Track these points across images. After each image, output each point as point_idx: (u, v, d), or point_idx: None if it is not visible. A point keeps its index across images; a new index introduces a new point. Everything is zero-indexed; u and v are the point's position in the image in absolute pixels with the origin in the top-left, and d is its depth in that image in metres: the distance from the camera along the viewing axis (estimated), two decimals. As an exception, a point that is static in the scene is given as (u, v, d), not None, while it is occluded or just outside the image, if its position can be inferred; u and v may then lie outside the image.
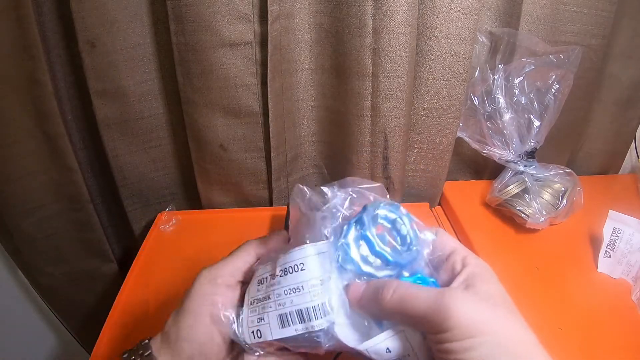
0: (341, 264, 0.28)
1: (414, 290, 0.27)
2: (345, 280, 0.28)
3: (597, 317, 0.48)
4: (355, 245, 0.28)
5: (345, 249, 0.28)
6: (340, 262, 0.28)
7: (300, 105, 0.64)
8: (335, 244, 0.28)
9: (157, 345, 0.32)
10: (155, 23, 0.56)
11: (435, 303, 0.25)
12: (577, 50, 0.57)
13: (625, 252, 0.51)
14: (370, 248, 0.28)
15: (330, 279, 0.28)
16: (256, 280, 0.30)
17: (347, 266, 0.28)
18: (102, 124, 0.59)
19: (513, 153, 0.60)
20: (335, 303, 0.27)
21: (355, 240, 0.28)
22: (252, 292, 0.30)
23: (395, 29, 0.52)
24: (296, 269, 0.28)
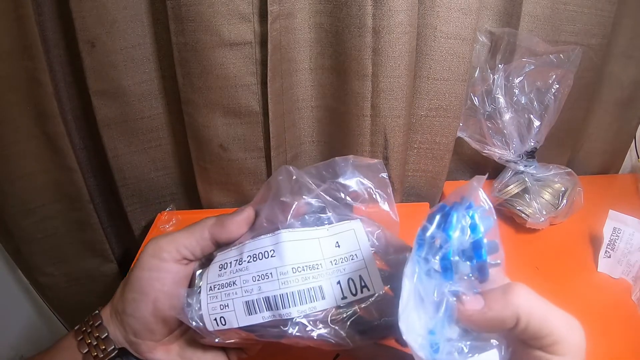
0: (422, 263, 0.24)
1: (541, 299, 0.24)
2: (418, 282, 0.23)
3: (597, 317, 0.48)
4: (456, 246, 0.24)
5: (444, 246, 0.24)
6: (422, 260, 0.24)
7: (300, 105, 0.64)
8: (421, 245, 0.24)
9: (107, 315, 0.32)
10: (155, 23, 0.56)
11: (561, 323, 0.24)
12: (577, 50, 0.57)
13: (625, 252, 0.51)
14: (478, 256, 0.24)
15: (317, 267, 0.26)
16: (217, 265, 0.28)
17: (429, 268, 0.24)
18: (102, 124, 0.59)
19: (513, 153, 0.60)
20: (403, 308, 0.22)
21: (458, 240, 0.23)
22: (211, 278, 0.28)
23: (395, 28, 0.52)
24: (266, 255, 0.27)
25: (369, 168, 0.30)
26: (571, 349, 0.24)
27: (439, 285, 0.24)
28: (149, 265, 0.30)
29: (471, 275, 0.24)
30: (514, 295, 0.24)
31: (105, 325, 0.31)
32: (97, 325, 0.31)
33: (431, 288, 0.23)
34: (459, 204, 0.24)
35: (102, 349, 0.30)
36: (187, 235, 0.31)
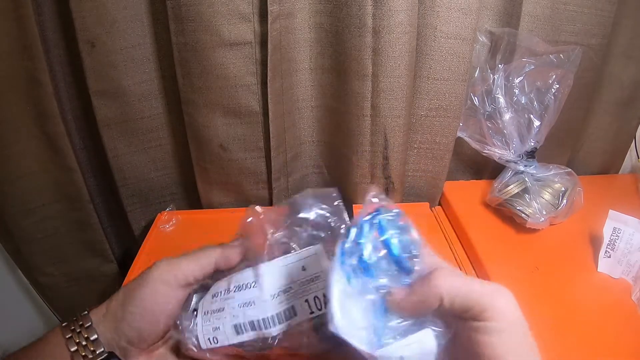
0: (347, 267, 0.27)
1: (461, 276, 0.27)
2: (345, 285, 0.27)
3: (597, 317, 0.48)
4: (371, 249, 0.28)
5: (359, 252, 0.27)
6: (347, 264, 0.27)
7: (300, 105, 0.64)
8: (343, 251, 0.27)
9: (99, 317, 0.33)
10: (155, 23, 0.56)
11: (485, 293, 0.27)
12: (577, 50, 0.57)
13: (625, 252, 0.51)
14: (389, 252, 0.28)
15: (289, 290, 0.32)
16: (210, 294, 0.34)
17: (354, 270, 0.27)
18: (102, 124, 0.59)
19: (513, 153, 0.60)
20: (335, 309, 0.26)
21: (371, 244, 0.28)
22: (206, 305, 0.34)
23: (395, 28, 0.52)
24: (249, 286, 0.32)
25: (327, 197, 0.34)
26: (500, 313, 0.26)
27: (364, 284, 0.27)
28: (156, 289, 0.33)
29: (396, 270, 0.28)
30: (434, 278, 0.27)
31: (94, 327, 0.33)
32: (87, 327, 0.33)
33: (359, 287, 0.27)
34: (371, 215, 0.28)
35: (91, 350, 0.32)
36: (194, 263, 0.35)
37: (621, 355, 0.44)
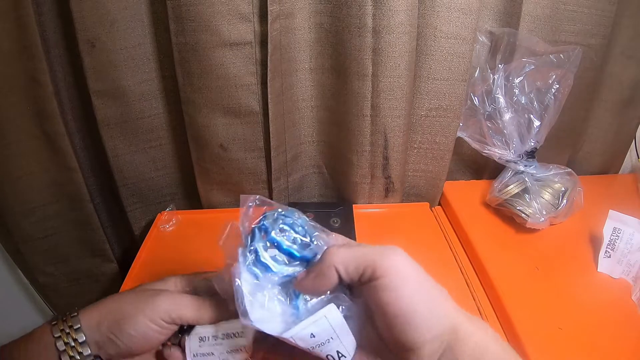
0: (252, 268, 0.32)
1: (354, 246, 0.31)
2: (254, 282, 0.32)
3: (597, 317, 0.48)
4: (263, 249, 0.32)
5: (255, 254, 0.32)
6: (251, 265, 0.32)
7: (300, 105, 0.64)
8: (244, 256, 0.32)
9: (89, 324, 0.34)
10: (155, 23, 0.56)
11: (372, 254, 0.29)
12: (577, 50, 0.57)
13: (625, 252, 0.51)
14: (279, 247, 0.32)
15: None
16: (197, 337, 0.37)
17: (258, 269, 0.32)
18: (102, 124, 0.59)
19: (513, 153, 0.60)
20: (248, 305, 0.30)
21: (262, 246, 0.32)
22: (193, 347, 0.36)
23: (395, 28, 0.52)
24: (236, 335, 0.36)
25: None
26: (389, 267, 0.28)
27: (269, 279, 0.32)
28: (148, 329, 0.34)
29: (294, 260, 0.32)
30: (326, 254, 0.30)
31: (83, 330, 0.33)
32: (76, 329, 0.33)
33: (265, 283, 0.32)
34: (259, 220, 0.33)
35: (78, 352, 0.33)
36: (194, 310, 0.35)
37: (621, 355, 0.44)
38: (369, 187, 0.66)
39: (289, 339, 0.30)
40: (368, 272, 0.28)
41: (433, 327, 0.28)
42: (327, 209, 0.60)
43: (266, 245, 0.32)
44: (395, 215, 0.67)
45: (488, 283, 0.53)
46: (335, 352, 0.31)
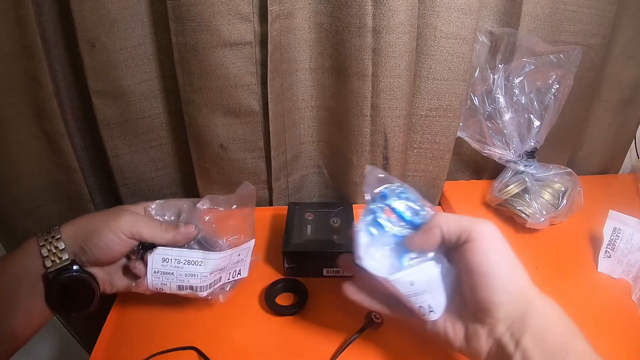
0: (370, 226, 0.39)
1: (454, 216, 0.36)
2: (370, 237, 0.39)
3: (597, 317, 0.48)
4: (381, 211, 0.39)
5: (374, 214, 0.39)
6: (370, 224, 0.39)
7: (300, 105, 0.64)
8: (365, 215, 0.39)
9: (67, 235, 0.42)
10: (155, 23, 0.56)
11: (470, 220, 0.35)
12: (577, 50, 0.57)
13: (625, 252, 0.51)
14: (395, 212, 0.39)
15: (222, 270, 0.47)
16: (160, 257, 0.44)
17: (375, 228, 0.39)
18: (102, 124, 0.59)
19: (513, 153, 0.60)
20: (363, 252, 0.38)
21: (380, 208, 0.39)
22: (156, 264, 0.44)
23: (395, 28, 0.52)
24: (197, 264, 0.45)
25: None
26: (481, 232, 0.34)
27: (382, 236, 0.39)
28: (112, 242, 0.42)
29: (407, 225, 0.39)
30: (434, 218, 0.37)
31: (63, 240, 0.41)
32: (57, 238, 0.41)
33: (379, 238, 0.39)
34: (380, 190, 0.40)
35: (58, 257, 0.41)
36: (156, 232, 0.44)
37: (621, 355, 0.44)
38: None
39: (392, 282, 0.36)
40: (464, 235, 0.34)
41: (510, 291, 0.33)
42: (327, 209, 0.60)
43: (383, 209, 0.39)
44: (395, 215, 0.67)
45: (488, 283, 0.53)
46: (427, 304, 0.36)
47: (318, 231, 0.56)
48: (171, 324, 0.48)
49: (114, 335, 0.47)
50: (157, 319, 0.49)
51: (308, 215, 0.59)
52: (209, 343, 0.46)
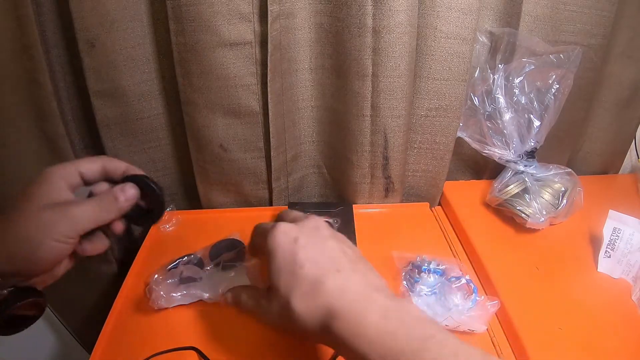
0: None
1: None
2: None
3: (597, 317, 0.48)
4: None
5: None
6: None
7: (300, 105, 0.64)
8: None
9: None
10: (155, 23, 0.56)
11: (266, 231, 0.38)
12: (577, 50, 0.57)
13: (625, 252, 0.51)
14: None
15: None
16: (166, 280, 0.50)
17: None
18: (101, 124, 0.59)
19: (513, 153, 0.60)
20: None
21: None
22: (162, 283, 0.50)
23: (395, 28, 0.52)
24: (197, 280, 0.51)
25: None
26: (270, 248, 0.37)
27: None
28: (54, 250, 0.36)
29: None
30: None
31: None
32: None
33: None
34: None
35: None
36: (91, 215, 0.37)
37: (621, 355, 0.44)
38: (369, 187, 0.66)
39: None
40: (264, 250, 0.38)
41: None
42: (327, 209, 0.60)
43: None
44: (395, 215, 0.67)
45: (488, 283, 0.53)
46: None
47: (318, 231, 0.56)
48: (171, 324, 0.48)
49: (114, 335, 0.47)
50: (157, 319, 0.49)
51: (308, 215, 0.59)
52: (209, 343, 0.46)
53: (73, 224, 0.36)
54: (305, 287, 0.33)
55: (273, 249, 0.36)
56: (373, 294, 0.33)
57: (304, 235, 0.37)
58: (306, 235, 0.37)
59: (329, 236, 0.38)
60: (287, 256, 0.35)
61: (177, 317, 0.49)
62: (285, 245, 0.36)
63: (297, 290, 0.34)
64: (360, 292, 0.33)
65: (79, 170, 0.39)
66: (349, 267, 0.35)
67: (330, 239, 0.38)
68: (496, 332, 0.48)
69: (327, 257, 0.35)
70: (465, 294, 0.50)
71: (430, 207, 0.69)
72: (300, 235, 0.36)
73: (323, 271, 0.34)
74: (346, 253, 0.37)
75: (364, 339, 0.30)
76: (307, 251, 0.35)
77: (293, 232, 0.37)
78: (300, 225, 0.38)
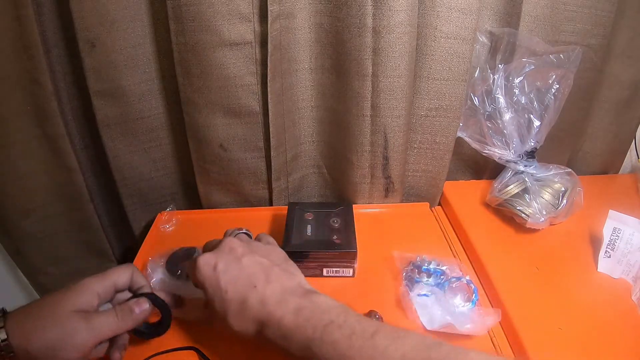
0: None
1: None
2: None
3: (597, 317, 0.48)
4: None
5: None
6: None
7: (300, 105, 0.64)
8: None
9: (16, 324, 0.36)
10: (155, 23, 0.56)
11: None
12: (577, 50, 0.57)
13: (625, 251, 0.51)
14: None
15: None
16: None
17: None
18: (102, 124, 0.59)
19: (513, 153, 0.60)
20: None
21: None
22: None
23: (395, 28, 0.52)
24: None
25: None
26: (199, 282, 0.41)
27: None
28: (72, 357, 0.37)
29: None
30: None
31: (7, 330, 0.36)
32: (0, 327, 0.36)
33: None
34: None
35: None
36: (107, 328, 0.39)
37: (621, 355, 0.44)
38: (369, 187, 0.66)
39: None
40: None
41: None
42: (327, 209, 0.60)
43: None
44: (395, 215, 0.67)
45: (488, 283, 0.53)
46: None
47: (318, 231, 0.56)
48: (171, 324, 0.48)
49: (114, 335, 0.47)
50: (157, 319, 0.49)
51: (308, 215, 0.59)
52: (209, 343, 0.46)
53: (94, 332, 0.39)
54: (233, 308, 0.39)
55: (201, 282, 0.41)
56: (287, 297, 0.38)
57: (222, 260, 0.41)
58: (223, 260, 0.41)
59: (242, 254, 0.42)
60: (212, 284, 0.40)
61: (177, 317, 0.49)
62: (208, 274, 0.40)
63: (229, 312, 0.39)
64: (277, 299, 0.38)
65: (114, 283, 0.42)
66: (263, 280, 0.39)
67: (244, 256, 0.42)
68: (496, 332, 0.48)
69: (245, 276, 0.40)
70: (465, 294, 0.50)
71: (430, 207, 0.69)
72: (219, 261, 0.41)
73: (243, 291, 0.39)
74: (261, 264, 0.41)
75: (285, 337, 0.36)
76: (226, 275, 0.40)
77: (212, 261, 0.41)
78: (217, 251, 0.42)
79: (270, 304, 0.38)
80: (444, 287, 0.50)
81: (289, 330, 0.36)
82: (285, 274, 0.41)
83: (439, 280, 0.51)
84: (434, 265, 0.52)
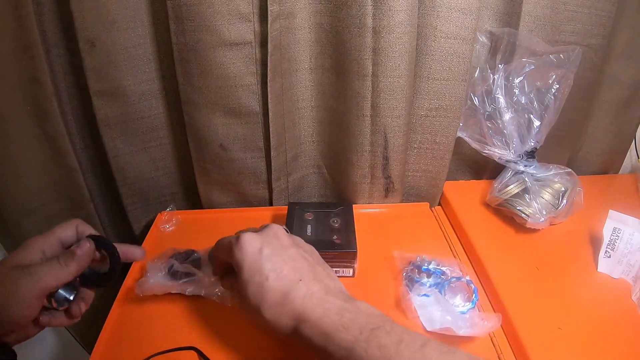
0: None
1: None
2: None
3: (597, 317, 0.48)
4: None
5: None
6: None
7: (300, 105, 0.64)
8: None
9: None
10: (155, 23, 0.56)
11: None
12: (577, 50, 0.57)
13: (625, 252, 0.51)
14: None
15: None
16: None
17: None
18: (102, 124, 0.59)
19: (513, 153, 0.60)
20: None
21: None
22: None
23: (395, 28, 0.52)
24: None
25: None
26: (237, 261, 0.39)
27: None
28: (19, 312, 0.38)
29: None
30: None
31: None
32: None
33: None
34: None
35: None
36: (52, 276, 0.39)
37: (621, 355, 0.44)
38: (369, 187, 0.66)
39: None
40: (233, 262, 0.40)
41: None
42: (327, 209, 0.60)
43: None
44: (395, 215, 0.67)
45: (488, 283, 0.53)
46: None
47: (318, 231, 0.56)
48: (171, 324, 0.48)
49: (114, 335, 0.47)
50: (157, 319, 0.49)
51: (308, 215, 0.59)
52: (209, 343, 0.46)
53: (37, 282, 0.38)
54: (272, 298, 0.37)
55: (240, 261, 0.38)
56: (331, 298, 0.37)
57: (268, 245, 0.39)
58: (270, 246, 0.39)
59: (288, 245, 0.40)
60: (253, 267, 0.38)
61: (177, 317, 0.49)
62: (251, 256, 0.38)
63: (265, 300, 0.37)
64: (321, 297, 0.37)
65: (58, 238, 0.42)
66: (309, 276, 0.38)
67: (290, 247, 0.40)
68: (496, 331, 0.48)
69: (290, 267, 0.38)
70: (465, 294, 0.50)
71: (430, 207, 0.69)
72: (265, 246, 0.39)
73: (287, 282, 0.37)
74: (306, 259, 0.40)
75: (324, 335, 0.34)
76: (271, 262, 0.38)
77: (257, 243, 0.39)
78: (263, 234, 0.40)
79: (313, 300, 0.36)
80: (444, 287, 0.50)
81: (332, 329, 0.34)
82: (328, 275, 0.40)
83: (439, 280, 0.51)
84: (434, 266, 0.52)
